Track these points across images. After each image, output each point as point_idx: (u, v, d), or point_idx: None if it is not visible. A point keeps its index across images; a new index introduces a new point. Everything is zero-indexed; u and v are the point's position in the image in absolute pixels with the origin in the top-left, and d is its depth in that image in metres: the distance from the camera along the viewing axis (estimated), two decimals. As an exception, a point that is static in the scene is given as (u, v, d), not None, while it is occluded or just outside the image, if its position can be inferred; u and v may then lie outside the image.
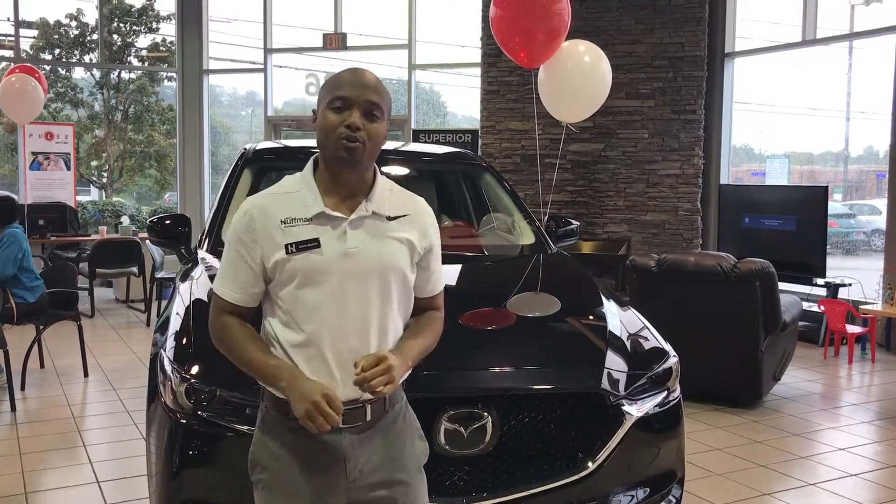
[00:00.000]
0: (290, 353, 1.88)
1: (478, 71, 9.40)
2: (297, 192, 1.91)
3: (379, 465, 1.93)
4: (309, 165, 1.95)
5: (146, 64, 14.29)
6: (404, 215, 1.96)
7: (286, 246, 1.84)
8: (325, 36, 10.60)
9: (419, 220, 1.98)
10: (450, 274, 1.97)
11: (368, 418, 1.91)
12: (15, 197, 6.78)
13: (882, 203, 9.49)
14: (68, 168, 10.47)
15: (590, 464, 2.71)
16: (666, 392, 2.99)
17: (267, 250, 1.86)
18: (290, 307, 1.86)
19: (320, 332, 1.85)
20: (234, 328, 1.91)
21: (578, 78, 4.54)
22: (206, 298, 3.17)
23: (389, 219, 1.93)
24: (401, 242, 1.93)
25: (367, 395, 1.84)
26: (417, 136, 9.97)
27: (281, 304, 1.88)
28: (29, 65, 9.47)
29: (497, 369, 2.86)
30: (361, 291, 1.86)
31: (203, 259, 3.64)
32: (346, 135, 1.82)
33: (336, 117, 1.84)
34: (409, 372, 1.97)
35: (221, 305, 1.93)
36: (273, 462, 1.92)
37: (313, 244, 1.84)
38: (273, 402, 1.92)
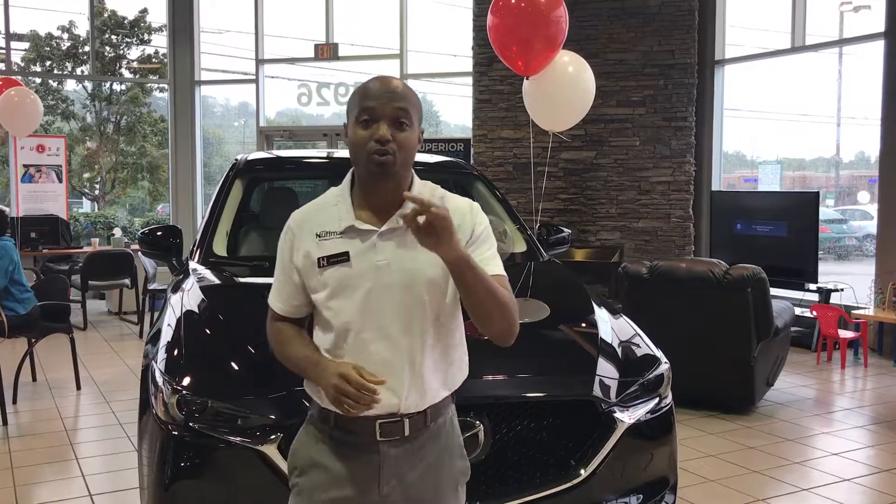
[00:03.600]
0: None
1: (470, 80, 9.43)
2: (335, 205, 1.92)
3: (413, 482, 1.89)
4: (347, 177, 1.96)
5: (137, 76, 14.29)
6: None
7: (318, 259, 1.87)
8: (316, 46, 10.63)
9: (464, 224, 1.88)
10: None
11: (406, 433, 1.88)
12: (7, 209, 6.75)
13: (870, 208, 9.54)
14: (60, 180, 10.46)
15: (582, 471, 2.71)
16: (658, 398, 2.99)
17: (303, 264, 1.90)
18: (326, 317, 1.88)
19: (352, 344, 1.85)
20: (284, 329, 1.97)
21: (561, 87, 4.55)
22: (196, 310, 3.17)
23: None
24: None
25: (405, 409, 1.84)
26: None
27: (319, 314, 1.91)
28: (14, 77, 9.42)
29: (489, 377, 2.86)
30: (393, 304, 1.84)
31: (194, 270, 3.64)
32: (376, 149, 1.81)
33: (364, 132, 1.83)
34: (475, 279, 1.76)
35: (273, 315, 2.00)
36: (309, 468, 1.92)
37: (342, 258, 1.85)
38: (316, 410, 1.95)
